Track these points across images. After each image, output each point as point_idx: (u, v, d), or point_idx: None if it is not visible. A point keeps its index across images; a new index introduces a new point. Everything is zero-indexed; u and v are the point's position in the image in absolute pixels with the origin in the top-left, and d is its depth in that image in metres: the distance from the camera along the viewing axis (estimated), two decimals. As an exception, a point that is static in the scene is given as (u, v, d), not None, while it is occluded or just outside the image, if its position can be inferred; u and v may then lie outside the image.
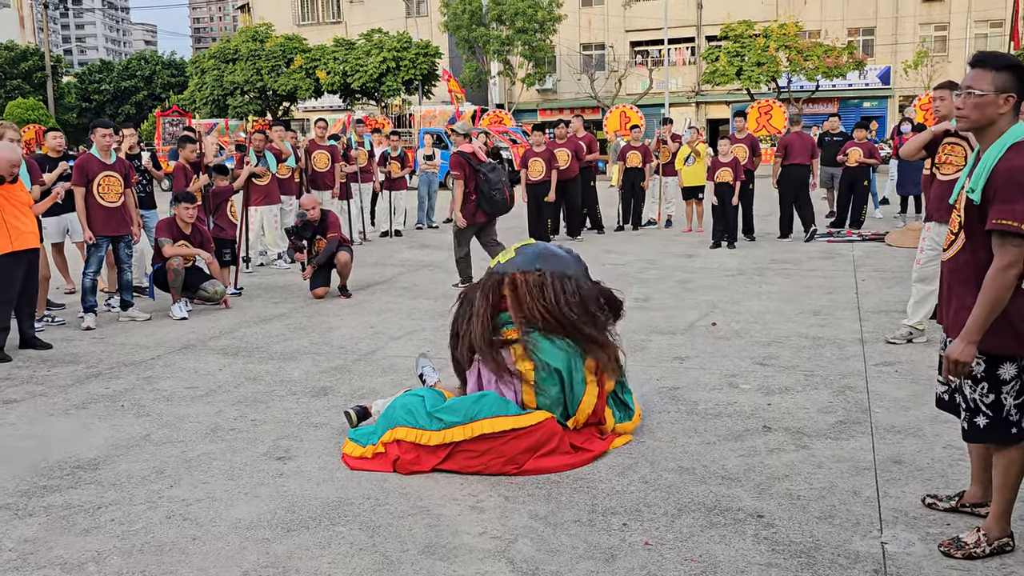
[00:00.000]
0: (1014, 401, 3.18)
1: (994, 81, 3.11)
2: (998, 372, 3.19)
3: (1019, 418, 3.19)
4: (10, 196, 6.73)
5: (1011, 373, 3.18)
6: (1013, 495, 3.27)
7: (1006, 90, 3.11)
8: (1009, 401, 3.19)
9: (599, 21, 43.39)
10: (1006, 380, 3.19)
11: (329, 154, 12.40)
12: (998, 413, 3.20)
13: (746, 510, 3.76)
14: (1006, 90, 3.11)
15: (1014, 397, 3.18)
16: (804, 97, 35.98)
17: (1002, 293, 3.04)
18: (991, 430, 3.23)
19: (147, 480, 4.26)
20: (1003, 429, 3.21)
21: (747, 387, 5.55)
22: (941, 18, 39.83)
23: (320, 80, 38.82)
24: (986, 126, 3.17)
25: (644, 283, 9.38)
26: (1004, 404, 3.19)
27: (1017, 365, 3.18)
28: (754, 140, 13.37)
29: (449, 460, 4.26)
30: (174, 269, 8.14)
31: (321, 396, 5.61)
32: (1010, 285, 3.03)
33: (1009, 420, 3.19)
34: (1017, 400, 3.19)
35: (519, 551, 3.45)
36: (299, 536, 3.62)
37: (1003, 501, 3.29)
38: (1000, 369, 3.19)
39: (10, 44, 49.86)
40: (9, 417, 5.31)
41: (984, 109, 3.14)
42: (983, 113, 3.14)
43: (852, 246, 11.92)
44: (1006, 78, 3.10)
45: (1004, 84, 3.11)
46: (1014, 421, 3.19)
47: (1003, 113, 3.13)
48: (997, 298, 3.04)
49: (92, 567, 3.39)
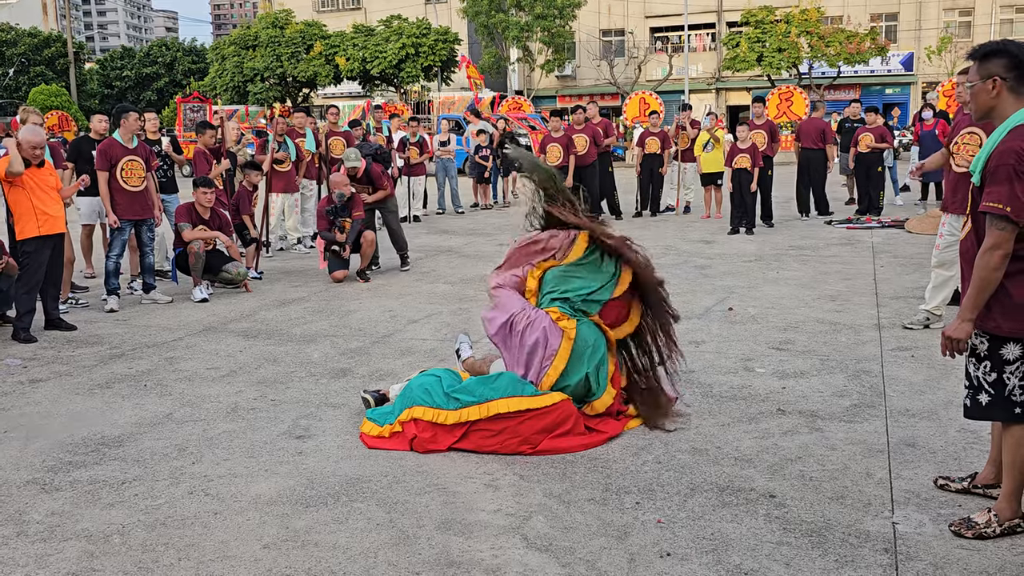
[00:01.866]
0: (1018, 381, 3.21)
1: (979, 70, 3.24)
2: (1001, 351, 3.23)
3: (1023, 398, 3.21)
4: (39, 180, 6.84)
5: (1015, 353, 3.21)
6: (1021, 476, 3.29)
7: (990, 75, 3.21)
8: (1013, 381, 3.22)
9: (619, 7, 43.17)
10: (1009, 360, 3.23)
11: (345, 140, 12.46)
12: (1000, 391, 3.25)
13: (758, 490, 3.80)
14: (990, 75, 3.21)
15: (1019, 378, 3.21)
16: (825, 84, 35.68)
17: (987, 273, 3.11)
18: (991, 408, 3.29)
19: (169, 457, 4.35)
20: (1005, 408, 3.25)
21: (762, 371, 5.57)
22: (966, 3, 39.34)
23: (339, 66, 38.88)
24: (990, 113, 3.26)
25: (661, 268, 9.36)
26: (1007, 384, 3.23)
27: (1022, 345, 3.20)
28: (773, 126, 13.34)
29: (465, 439, 4.32)
30: (195, 253, 8.24)
31: (340, 377, 5.68)
32: (996, 266, 3.10)
33: (1012, 400, 3.23)
34: (1022, 381, 3.21)
35: (533, 527, 3.50)
36: (317, 512, 3.69)
37: (1011, 481, 3.32)
38: (1003, 349, 3.23)
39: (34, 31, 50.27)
40: (36, 396, 5.42)
41: (978, 97, 3.26)
42: (978, 101, 3.27)
43: (871, 232, 11.87)
44: (988, 64, 3.21)
45: (987, 70, 3.21)
46: (1017, 401, 3.23)
47: (995, 97, 3.21)
48: (983, 278, 3.12)
49: (117, 539, 3.48)
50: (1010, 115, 3.18)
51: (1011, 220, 3.07)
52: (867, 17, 39.25)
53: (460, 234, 12.91)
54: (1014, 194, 3.06)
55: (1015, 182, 3.06)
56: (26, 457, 4.38)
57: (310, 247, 11.33)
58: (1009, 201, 3.06)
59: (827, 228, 12.43)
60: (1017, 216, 3.06)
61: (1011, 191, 3.06)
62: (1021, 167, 3.07)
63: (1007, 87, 3.18)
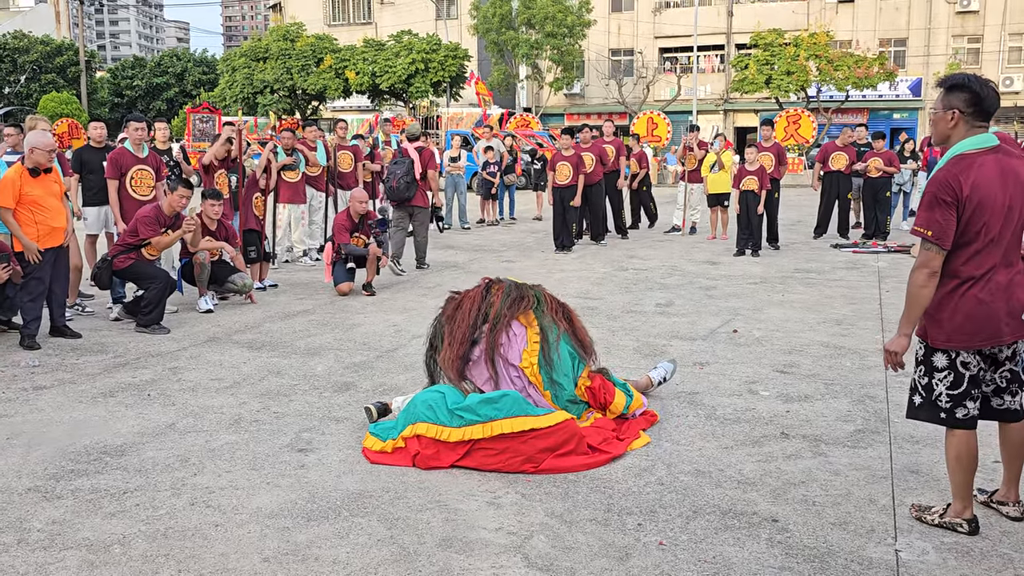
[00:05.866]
0: (945, 389, 3.50)
1: (942, 100, 3.42)
2: (932, 359, 3.52)
3: (951, 406, 3.49)
4: (47, 188, 6.83)
5: (943, 363, 3.49)
6: (957, 477, 3.55)
7: (951, 107, 3.39)
8: (940, 388, 3.51)
9: (628, 27, 43.34)
10: (938, 368, 3.51)
11: (352, 154, 12.51)
12: (928, 395, 3.54)
13: (761, 514, 3.78)
14: (951, 107, 3.39)
15: (946, 386, 3.49)
16: (833, 107, 35.75)
17: (915, 289, 3.39)
18: (920, 409, 3.58)
19: (171, 467, 4.34)
20: (932, 411, 3.54)
21: (766, 394, 5.56)
22: (975, 30, 39.43)
23: (349, 80, 39.04)
24: (946, 140, 3.46)
25: (666, 289, 9.40)
26: (935, 389, 3.52)
27: (948, 357, 3.45)
28: (781, 149, 13.35)
29: (468, 457, 4.32)
30: (200, 263, 8.26)
31: (343, 391, 5.68)
32: (922, 283, 3.37)
33: (938, 405, 3.51)
34: (952, 390, 3.48)
35: (534, 547, 3.49)
36: (319, 526, 3.68)
37: (952, 482, 3.61)
38: (934, 357, 3.51)
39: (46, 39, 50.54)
40: (39, 403, 5.43)
41: (936, 125, 3.46)
42: (937, 129, 3.48)
43: (877, 257, 11.87)
44: (950, 96, 3.40)
45: (949, 102, 3.40)
46: (943, 407, 3.51)
47: (952, 128, 3.41)
48: (912, 294, 3.41)
49: (117, 549, 3.47)
50: (953, 146, 3.41)
51: (933, 242, 3.34)
52: (876, 42, 39.34)
53: (466, 250, 12.92)
54: (934, 219, 3.34)
55: (935, 208, 3.33)
56: (28, 464, 4.38)
57: (316, 259, 11.35)
58: (929, 225, 3.35)
59: (833, 252, 12.43)
60: (937, 239, 3.33)
61: (931, 216, 3.34)
62: (941, 194, 3.32)
63: (963, 120, 3.39)
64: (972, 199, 3.30)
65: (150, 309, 7.34)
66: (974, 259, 3.36)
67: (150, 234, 7.59)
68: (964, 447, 3.50)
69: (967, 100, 3.36)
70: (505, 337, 4.87)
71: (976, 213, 3.31)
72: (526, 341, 4.84)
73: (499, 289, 5.09)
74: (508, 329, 4.88)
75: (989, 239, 3.34)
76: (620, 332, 7.32)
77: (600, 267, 11.09)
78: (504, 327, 4.88)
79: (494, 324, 4.90)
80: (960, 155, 3.36)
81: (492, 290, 5.10)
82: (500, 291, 5.07)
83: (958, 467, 3.54)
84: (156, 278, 7.43)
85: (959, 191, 3.30)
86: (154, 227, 7.65)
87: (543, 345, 4.85)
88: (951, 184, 3.31)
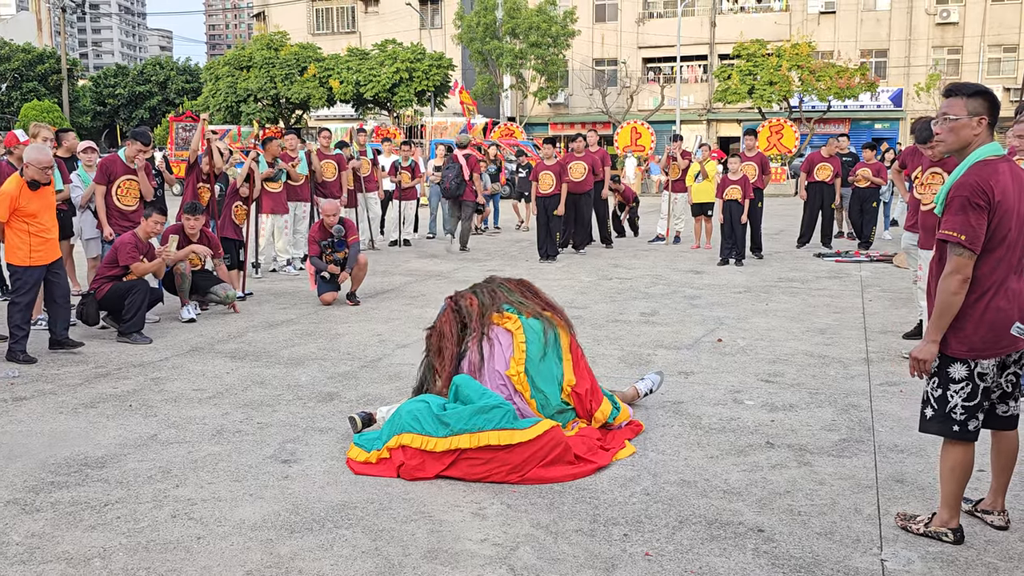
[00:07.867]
0: (961, 401, 3.44)
1: (967, 106, 3.39)
2: (948, 370, 3.46)
3: (965, 419, 3.42)
4: (45, 201, 6.65)
5: (961, 374, 3.43)
6: (949, 488, 3.54)
7: (978, 113, 3.38)
8: (955, 400, 3.45)
9: (612, 37, 43.56)
10: (955, 379, 3.45)
11: (335, 163, 12.48)
12: (942, 408, 3.48)
13: (747, 524, 3.78)
14: (978, 113, 3.38)
15: (963, 398, 3.44)
16: (815, 117, 36.02)
17: (946, 297, 3.34)
18: (932, 422, 3.53)
19: (153, 479, 4.30)
20: (945, 424, 3.48)
21: (751, 403, 5.57)
22: (955, 41, 39.89)
23: (333, 89, 39.00)
24: (962, 148, 3.43)
25: (651, 298, 9.41)
26: (949, 401, 3.46)
27: (967, 367, 3.40)
28: (764, 159, 13.43)
29: (453, 467, 4.29)
30: (181, 273, 8.20)
31: (327, 401, 5.64)
32: (955, 290, 3.32)
33: (952, 417, 3.46)
34: (967, 402, 3.43)
35: (520, 558, 3.47)
36: (302, 538, 3.65)
37: (943, 492, 3.59)
38: (951, 368, 3.45)
39: (27, 47, 50.25)
40: (19, 414, 5.36)
41: (959, 132, 3.41)
42: (959, 136, 3.42)
43: (860, 266, 11.93)
44: (977, 103, 3.39)
45: (976, 108, 3.38)
46: (957, 419, 3.45)
47: (977, 134, 3.40)
48: (943, 301, 3.35)
49: (98, 563, 3.43)
50: (974, 151, 3.40)
51: (966, 247, 3.29)
52: (857, 53, 39.75)
53: (450, 259, 12.91)
54: (968, 223, 3.29)
55: (969, 212, 3.29)
56: (7, 477, 4.32)
57: (300, 268, 11.31)
58: (963, 230, 3.30)
59: (816, 261, 12.49)
60: (971, 244, 3.30)
61: (965, 220, 3.30)
62: (975, 199, 3.29)
63: (987, 125, 3.39)
64: (1002, 204, 3.30)
65: (130, 315, 7.26)
66: (998, 266, 3.35)
67: (130, 261, 7.52)
68: (962, 459, 3.49)
69: (989, 107, 3.37)
70: (490, 344, 4.85)
71: (1003, 219, 3.31)
72: (512, 348, 4.83)
73: (469, 297, 5.11)
74: (492, 335, 4.87)
75: (1008, 245, 3.34)
76: (605, 341, 7.31)
77: (585, 276, 11.09)
78: (488, 330, 4.88)
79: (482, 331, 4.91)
80: (984, 160, 3.35)
81: (463, 303, 5.09)
82: (471, 298, 5.09)
83: (951, 478, 3.52)
84: (136, 287, 7.36)
85: (991, 195, 3.28)
86: (134, 254, 7.59)
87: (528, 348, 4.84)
88: (983, 188, 3.28)
